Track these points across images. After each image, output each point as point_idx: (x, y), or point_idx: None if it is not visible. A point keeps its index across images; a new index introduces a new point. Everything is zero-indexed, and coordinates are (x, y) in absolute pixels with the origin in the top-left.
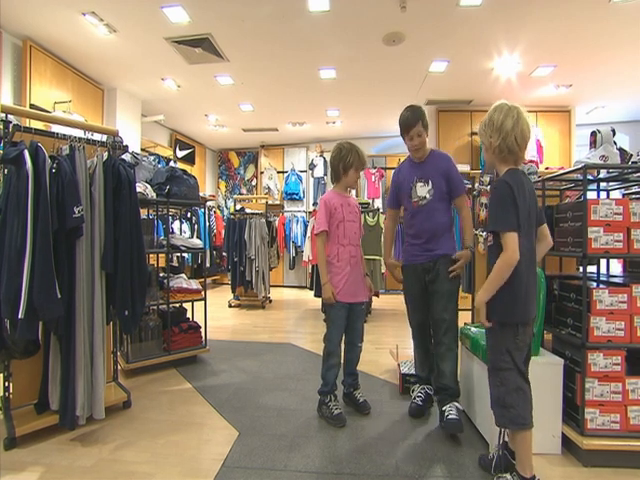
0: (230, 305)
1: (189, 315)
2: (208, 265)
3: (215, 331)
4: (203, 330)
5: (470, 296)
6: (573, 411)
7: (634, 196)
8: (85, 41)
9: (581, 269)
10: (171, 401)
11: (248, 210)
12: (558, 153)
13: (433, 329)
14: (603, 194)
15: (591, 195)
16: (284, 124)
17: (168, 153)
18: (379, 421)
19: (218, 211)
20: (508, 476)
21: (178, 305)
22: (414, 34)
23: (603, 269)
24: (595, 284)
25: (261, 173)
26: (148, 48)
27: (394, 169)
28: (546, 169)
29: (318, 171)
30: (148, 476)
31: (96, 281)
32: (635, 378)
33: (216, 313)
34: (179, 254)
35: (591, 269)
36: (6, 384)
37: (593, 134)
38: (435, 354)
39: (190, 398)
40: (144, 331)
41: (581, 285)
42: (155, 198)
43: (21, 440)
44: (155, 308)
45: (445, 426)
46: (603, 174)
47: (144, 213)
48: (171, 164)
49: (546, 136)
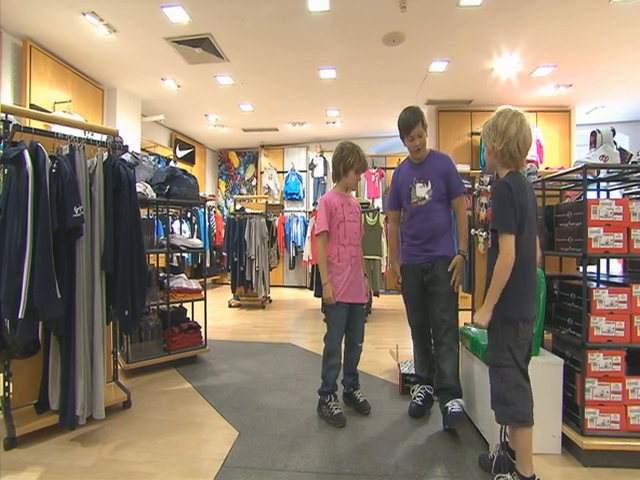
0: (230, 305)
1: (189, 315)
2: (208, 265)
3: (215, 331)
4: (203, 330)
5: (470, 296)
6: (573, 411)
7: (634, 196)
8: (85, 41)
9: (581, 269)
10: (171, 401)
11: (248, 210)
12: (558, 153)
13: (433, 330)
14: (603, 194)
15: (591, 195)
16: (284, 124)
17: (168, 153)
18: (379, 421)
19: (218, 211)
20: (508, 476)
21: (178, 305)
22: (414, 34)
23: (603, 269)
24: (595, 284)
25: (261, 173)
26: (148, 48)
27: (394, 169)
28: (546, 169)
29: (318, 171)
30: (148, 476)
31: (96, 281)
32: (635, 378)
33: (216, 313)
34: (179, 254)
35: (591, 269)
36: (6, 384)
37: (593, 134)
38: (435, 355)
39: (190, 398)
40: (144, 331)
41: (581, 285)
42: (155, 198)
43: (21, 440)
44: (155, 308)
45: (448, 419)
46: (603, 174)
47: (144, 213)
48: (171, 164)
49: (546, 136)
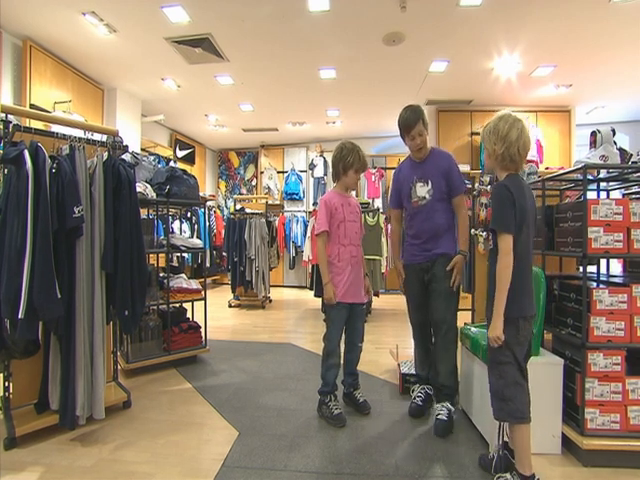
0: (230, 305)
1: (189, 315)
2: (208, 265)
3: (215, 331)
4: (203, 330)
5: (470, 296)
6: (573, 411)
7: (634, 196)
8: (85, 41)
9: (581, 269)
10: (171, 401)
11: (248, 210)
12: (558, 153)
13: (433, 329)
14: (603, 194)
15: (591, 195)
16: (284, 124)
17: (168, 153)
18: (379, 421)
19: (218, 211)
20: (508, 476)
21: (178, 305)
22: (414, 34)
23: (603, 269)
24: (595, 284)
25: (261, 173)
26: (148, 48)
27: (394, 169)
28: (546, 169)
29: (318, 171)
30: (148, 476)
31: (96, 281)
32: (635, 378)
33: (216, 313)
34: (179, 254)
35: (591, 269)
36: (6, 384)
37: (593, 134)
38: (433, 353)
39: (190, 398)
40: (144, 331)
41: (581, 285)
42: (155, 198)
43: (21, 440)
44: (155, 308)
45: (434, 428)
46: (603, 174)
47: (144, 213)
48: (171, 164)
49: (546, 136)
